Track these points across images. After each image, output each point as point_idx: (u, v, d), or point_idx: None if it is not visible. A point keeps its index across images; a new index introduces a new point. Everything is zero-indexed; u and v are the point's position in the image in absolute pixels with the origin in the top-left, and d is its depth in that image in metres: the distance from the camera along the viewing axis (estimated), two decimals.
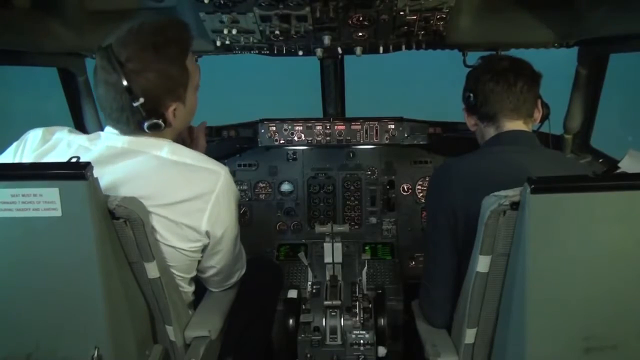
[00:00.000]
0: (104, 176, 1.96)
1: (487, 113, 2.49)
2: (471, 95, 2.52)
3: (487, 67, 2.51)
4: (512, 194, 1.78)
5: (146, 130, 2.07)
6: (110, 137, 2.13)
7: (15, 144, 2.19)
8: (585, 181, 1.75)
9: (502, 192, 1.81)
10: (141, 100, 1.99)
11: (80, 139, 2.16)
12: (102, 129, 2.20)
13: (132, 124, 2.07)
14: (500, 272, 1.90)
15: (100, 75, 2.04)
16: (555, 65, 3.92)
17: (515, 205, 1.77)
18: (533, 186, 1.66)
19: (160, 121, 2.06)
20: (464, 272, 2.12)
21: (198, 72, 2.27)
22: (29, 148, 2.14)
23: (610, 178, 1.91)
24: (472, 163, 2.40)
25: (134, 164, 2.06)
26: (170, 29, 2.12)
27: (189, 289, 2.40)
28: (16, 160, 2.14)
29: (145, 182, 2.03)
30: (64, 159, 1.98)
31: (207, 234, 2.19)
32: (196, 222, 2.13)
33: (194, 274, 2.39)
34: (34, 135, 2.17)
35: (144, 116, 2.03)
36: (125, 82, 1.96)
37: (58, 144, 2.14)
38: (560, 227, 1.72)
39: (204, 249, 2.28)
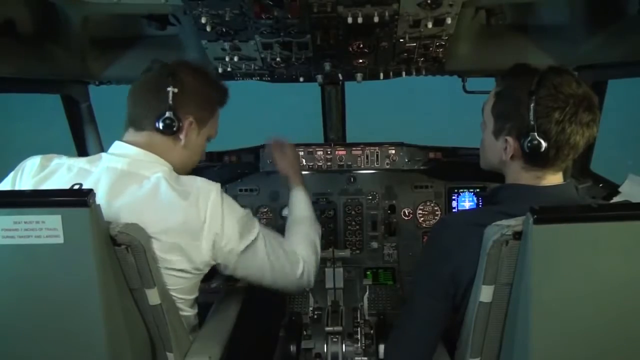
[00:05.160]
0: (102, 199, 2.01)
1: (545, 160, 2.02)
2: (542, 142, 1.96)
3: (571, 109, 1.94)
4: (515, 223, 1.75)
5: (160, 128, 2.19)
6: (110, 159, 2.17)
7: (12, 173, 2.21)
8: (589, 211, 1.72)
9: (505, 222, 1.78)
10: (175, 90, 2.17)
11: (80, 162, 2.19)
12: None
13: (153, 114, 2.19)
14: (503, 302, 1.88)
15: (144, 75, 2.29)
16: None
17: (518, 235, 1.74)
18: (536, 216, 1.64)
19: (175, 122, 2.18)
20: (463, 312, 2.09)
21: (217, 127, 2.49)
22: (27, 175, 2.15)
23: (614, 208, 1.88)
24: None
25: (133, 191, 2.07)
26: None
27: (191, 312, 2.38)
28: (15, 188, 2.15)
29: (142, 209, 2.04)
30: (65, 183, 2.03)
31: (213, 254, 2.19)
32: (196, 248, 2.13)
33: (195, 295, 2.37)
34: (32, 163, 2.19)
35: (170, 105, 2.16)
36: (171, 74, 2.20)
37: (59, 169, 2.16)
38: (563, 258, 1.69)
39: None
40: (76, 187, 1.82)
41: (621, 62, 2.77)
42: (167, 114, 2.17)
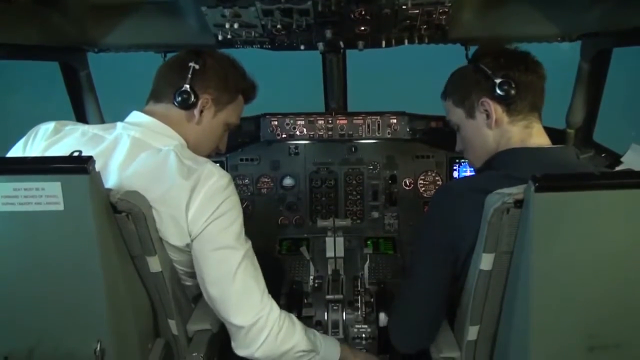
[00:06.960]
0: (117, 166, 2.04)
1: (523, 102, 2.14)
2: (512, 82, 2.11)
3: (519, 59, 2.18)
4: (516, 191, 1.74)
5: (176, 101, 2.24)
6: (125, 127, 2.18)
7: (24, 137, 2.21)
8: (590, 179, 1.71)
9: (506, 190, 1.77)
10: (197, 66, 2.26)
11: (95, 128, 2.22)
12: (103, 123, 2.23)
13: (172, 88, 2.25)
14: (503, 270, 1.88)
15: (174, 55, 2.44)
16: (559, 59, 3.91)
17: (519, 203, 1.74)
18: (537, 184, 1.63)
19: (191, 97, 2.24)
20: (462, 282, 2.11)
21: (238, 116, 2.55)
22: (40, 138, 2.17)
23: (615, 176, 1.87)
24: None
25: (143, 160, 2.07)
26: None
27: (192, 282, 2.37)
28: (27, 152, 2.16)
29: (148, 178, 2.03)
30: (77, 146, 2.04)
31: (189, 230, 2.06)
32: (181, 214, 2.04)
33: None
34: (46, 127, 2.20)
35: (189, 79, 2.23)
36: (196, 53, 2.32)
37: (72, 133, 2.17)
38: (564, 226, 1.69)
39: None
40: (76, 154, 1.81)
41: (626, 30, 2.73)
42: (184, 87, 2.23)
